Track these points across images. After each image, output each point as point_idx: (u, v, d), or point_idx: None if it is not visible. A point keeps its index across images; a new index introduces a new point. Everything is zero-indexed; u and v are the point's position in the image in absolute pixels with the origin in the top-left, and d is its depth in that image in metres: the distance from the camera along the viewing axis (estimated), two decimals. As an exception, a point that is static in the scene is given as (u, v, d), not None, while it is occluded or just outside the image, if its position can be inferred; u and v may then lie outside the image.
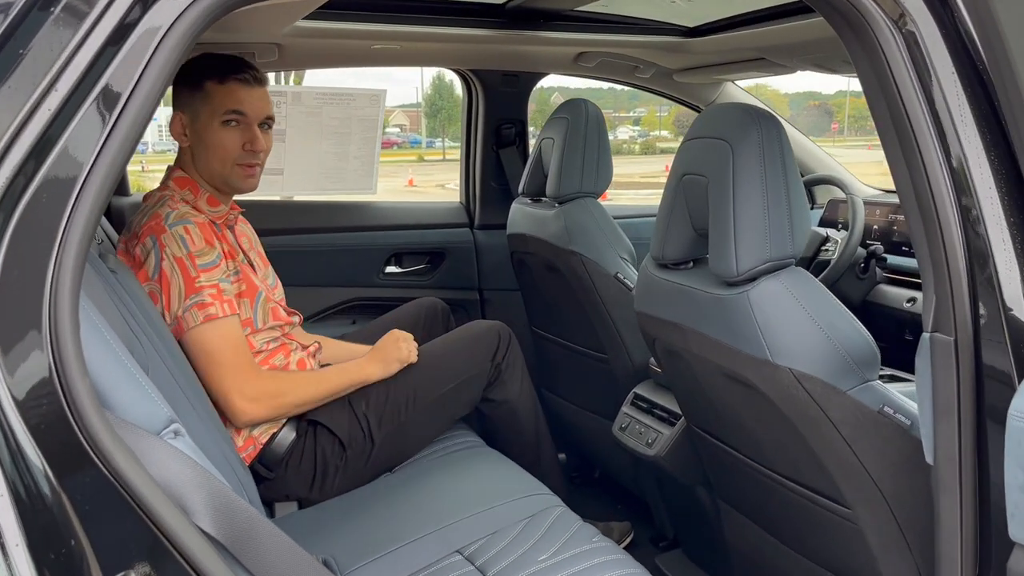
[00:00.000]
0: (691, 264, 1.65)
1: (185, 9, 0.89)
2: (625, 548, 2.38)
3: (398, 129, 39.15)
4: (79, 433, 0.81)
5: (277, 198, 2.97)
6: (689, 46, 2.56)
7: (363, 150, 2.95)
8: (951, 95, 1.16)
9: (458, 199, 3.18)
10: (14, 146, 0.81)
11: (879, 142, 1.25)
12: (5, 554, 0.78)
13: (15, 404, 0.79)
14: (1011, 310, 1.11)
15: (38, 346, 0.80)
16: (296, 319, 2.08)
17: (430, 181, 18.91)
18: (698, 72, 2.76)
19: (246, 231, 2.06)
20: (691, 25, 2.53)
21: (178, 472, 0.91)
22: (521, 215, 2.53)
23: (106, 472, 0.83)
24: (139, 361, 1.30)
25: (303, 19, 2.08)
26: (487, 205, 3.05)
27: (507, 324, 2.24)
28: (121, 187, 2.66)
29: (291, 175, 2.89)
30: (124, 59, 0.86)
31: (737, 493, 1.82)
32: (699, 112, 3.05)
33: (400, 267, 2.99)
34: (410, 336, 2.01)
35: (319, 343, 2.14)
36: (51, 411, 0.80)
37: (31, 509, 0.79)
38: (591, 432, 2.57)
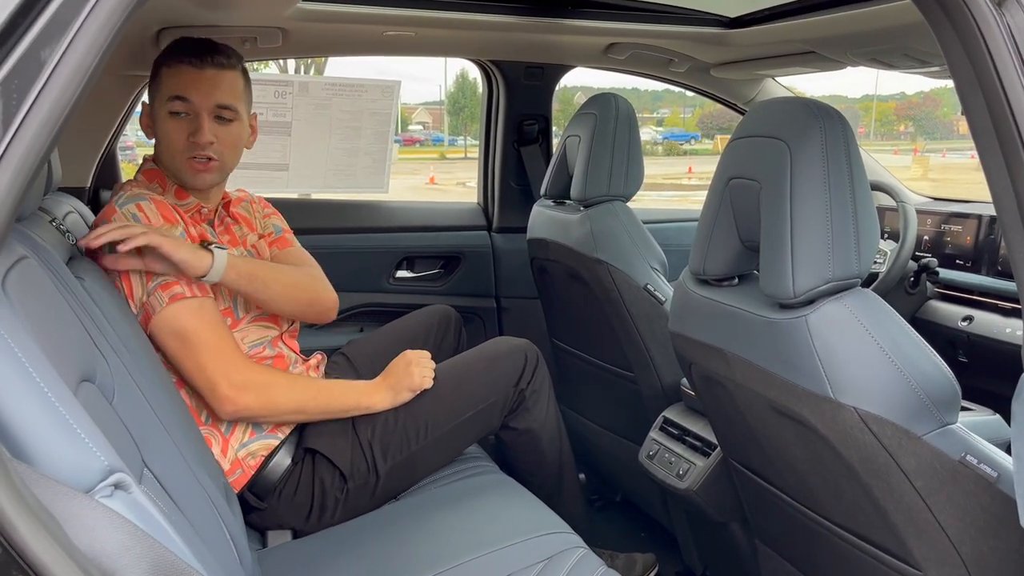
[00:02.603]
0: (736, 281, 1.46)
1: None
2: (649, 584, 2.21)
3: (421, 127, 39.16)
4: (-30, 501, 0.63)
5: (280, 196, 2.79)
6: (730, 38, 2.35)
7: (375, 146, 2.77)
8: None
9: (475, 199, 3.00)
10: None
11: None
12: None
13: None
14: None
15: None
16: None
17: (451, 179, 18.84)
18: (738, 67, 2.56)
19: (244, 215, 1.88)
20: (733, 15, 2.33)
21: (111, 540, 0.73)
22: (543, 219, 2.34)
23: (9, 549, 0.65)
24: (102, 384, 1.13)
25: (309, 1, 1.90)
26: (506, 207, 2.86)
27: (526, 335, 2.05)
28: (113, 179, 2.49)
29: (296, 171, 2.72)
30: (50, 20, 0.69)
31: (780, 537, 1.62)
32: (737, 110, 2.86)
33: (412, 271, 2.81)
34: (425, 356, 1.81)
35: (323, 354, 1.96)
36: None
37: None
38: (614, 455, 2.38)
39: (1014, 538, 1.09)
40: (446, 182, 18.51)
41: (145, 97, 1.78)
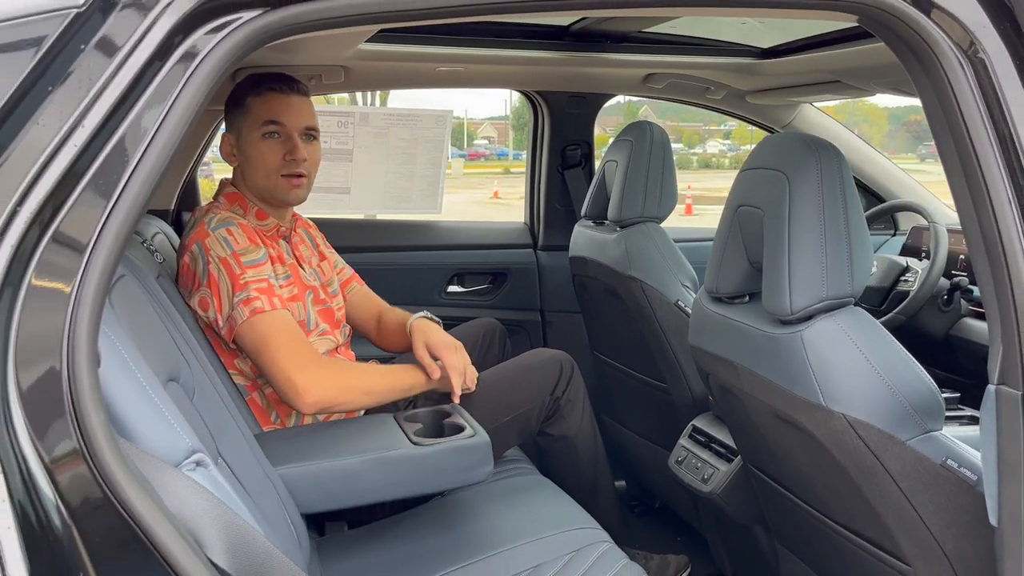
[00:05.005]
0: (747, 299, 1.59)
1: (220, 40, 0.89)
2: (681, 584, 2.32)
3: (486, 141, 39.49)
4: (90, 466, 0.82)
5: (342, 216, 3.01)
6: (762, 68, 2.48)
7: (429, 170, 2.97)
8: (1023, 129, 1.08)
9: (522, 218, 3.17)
10: (41, 179, 0.82)
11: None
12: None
13: (31, 437, 0.80)
14: (1085, 364, 1.03)
15: (56, 380, 0.81)
16: (347, 329, 2.09)
17: (514, 193, 18.96)
18: (772, 94, 2.67)
19: (307, 239, 2.08)
20: (764, 46, 2.45)
21: (194, 505, 0.91)
22: (583, 238, 2.49)
23: (117, 505, 0.83)
24: (184, 384, 1.33)
25: (369, 42, 2.10)
26: (551, 226, 3.02)
27: (569, 347, 2.18)
28: (193, 201, 2.73)
29: (358, 194, 2.94)
30: (154, 92, 0.87)
31: (794, 537, 1.74)
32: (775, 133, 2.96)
33: (462, 287, 2.99)
34: (467, 359, 1.95)
35: (377, 361, 2.14)
36: (64, 444, 0.81)
37: (39, 541, 0.80)
38: (650, 461, 2.51)
39: (992, 536, 1.19)
40: (509, 196, 18.65)
41: (222, 128, 1.99)
